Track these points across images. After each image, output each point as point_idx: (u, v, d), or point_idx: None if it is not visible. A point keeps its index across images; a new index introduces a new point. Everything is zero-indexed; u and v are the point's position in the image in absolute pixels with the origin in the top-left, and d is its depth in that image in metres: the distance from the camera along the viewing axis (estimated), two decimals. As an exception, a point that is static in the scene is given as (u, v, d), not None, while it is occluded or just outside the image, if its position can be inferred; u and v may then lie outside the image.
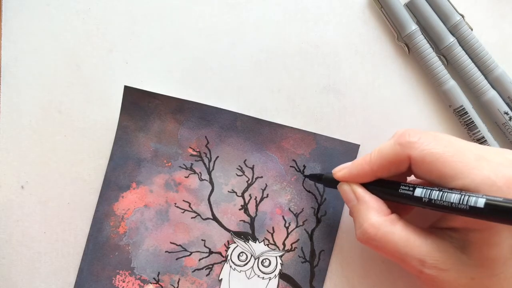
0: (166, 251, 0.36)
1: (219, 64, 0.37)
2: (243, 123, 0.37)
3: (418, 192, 0.28)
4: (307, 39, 0.37)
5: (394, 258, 0.29)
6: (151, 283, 0.36)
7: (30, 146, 0.37)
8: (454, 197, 0.26)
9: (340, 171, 0.32)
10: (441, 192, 0.27)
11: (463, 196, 0.25)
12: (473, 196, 0.25)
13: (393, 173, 0.30)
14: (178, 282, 0.36)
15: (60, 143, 0.37)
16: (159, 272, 0.36)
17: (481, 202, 0.24)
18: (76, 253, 0.36)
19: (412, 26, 0.36)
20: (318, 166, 0.37)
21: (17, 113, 0.37)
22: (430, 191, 0.27)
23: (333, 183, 0.33)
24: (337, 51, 0.37)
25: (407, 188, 0.29)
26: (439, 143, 0.28)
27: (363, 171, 0.31)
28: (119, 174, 0.36)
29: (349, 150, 0.37)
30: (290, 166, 0.37)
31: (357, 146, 0.37)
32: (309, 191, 0.37)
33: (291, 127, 0.37)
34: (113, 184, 0.36)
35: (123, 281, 0.36)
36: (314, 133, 0.37)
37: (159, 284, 0.36)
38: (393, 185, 0.30)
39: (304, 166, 0.37)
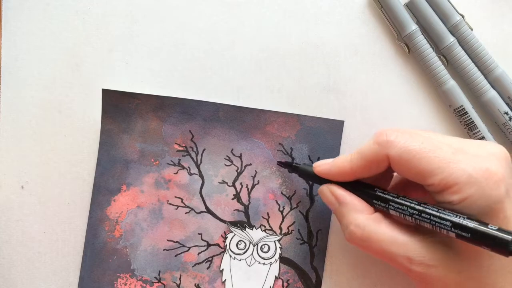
0: (164, 249, 0.36)
1: (219, 64, 0.37)
2: (225, 113, 0.36)
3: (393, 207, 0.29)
4: (307, 39, 0.37)
5: (382, 257, 0.29)
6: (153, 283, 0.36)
7: (30, 146, 0.37)
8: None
9: (320, 166, 0.32)
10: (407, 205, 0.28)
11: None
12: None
13: (373, 172, 0.30)
14: (180, 279, 0.36)
15: (60, 143, 0.37)
16: (159, 271, 0.36)
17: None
18: (76, 253, 0.36)
19: (412, 26, 0.36)
20: (305, 147, 0.37)
21: (17, 113, 0.37)
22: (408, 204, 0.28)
23: (311, 176, 0.33)
24: (337, 51, 0.37)
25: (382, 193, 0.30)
26: (416, 140, 0.28)
27: (344, 170, 0.31)
28: (108, 178, 0.36)
29: (334, 128, 0.36)
30: (278, 150, 0.37)
31: (342, 122, 0.36)
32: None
33: (274, 111, 0.36)
34: (103, 188, 0.36)
35: (125, 284, 0.36)
36: (298, 114, 0.36)
37: (161, 283, 0.36)
38: (370, 189, 0.30)
39: (291, 149, 0.37)
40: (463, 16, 0.36)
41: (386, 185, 0.33)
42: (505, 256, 0.24)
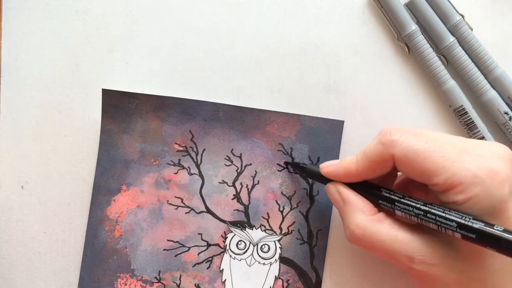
0: (164, 249, 0.36)
1: (219, 64, 0.37)
2: (225, 113, 0.36)
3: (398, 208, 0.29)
4: (307, 39, 0.37)
5: (384, 256, 0.29)
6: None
7: (30, 146, 0.37)
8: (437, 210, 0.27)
9: (327, 167, 0.32)
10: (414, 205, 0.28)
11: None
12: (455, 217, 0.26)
13: (379, 173, 0.30)
14: (180, 279, 0.36)
15: (60, 143, 0.37)
16: (159, 271, 0.36)
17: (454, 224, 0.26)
18: (76, 253, 0.36)
19: (412, 26, 0.36)
20: (305, 147, 0.37)
21: (17, 113, 0.37)
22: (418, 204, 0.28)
23: (317, 176, 0.33)
24: (337, 51, 0.37)
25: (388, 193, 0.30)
26: (420, 140, 0.28)
27: (349, 172, 0.31)
28: (108, 178, 0.36)
29: (334, 128, 0.37)
30: (278, 150, 0.37)
31: (342, 122, 0.37)
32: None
33: (274, 111, 0.36)
34: (103, 188, 0.36)
35: (125, 284, 0.36)
36: (298, 114, 0.37)
37: (161, 283, 0.36)
38: (376, 189, 0.30)
39: (291, 149, 0.37)
40: (463, 16, 0.36)
41: (391, 184, 0.33)
42: (510, 257, 0.24)
